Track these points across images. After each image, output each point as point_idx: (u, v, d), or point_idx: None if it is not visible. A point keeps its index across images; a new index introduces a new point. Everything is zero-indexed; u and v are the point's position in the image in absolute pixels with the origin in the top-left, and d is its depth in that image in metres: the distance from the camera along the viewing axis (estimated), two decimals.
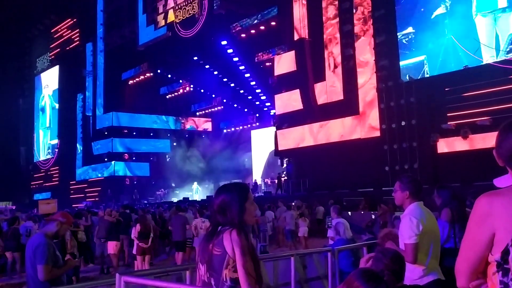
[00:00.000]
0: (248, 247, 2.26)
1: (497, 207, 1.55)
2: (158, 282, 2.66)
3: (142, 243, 9.43)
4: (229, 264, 2.26)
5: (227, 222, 2.35)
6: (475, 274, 1.62)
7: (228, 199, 2.41)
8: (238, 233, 2.28)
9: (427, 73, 17.79)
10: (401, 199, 3.60)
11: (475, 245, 1.60)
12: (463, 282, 1.65)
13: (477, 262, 1.60)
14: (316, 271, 5.35)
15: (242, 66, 28.14)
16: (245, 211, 2.40)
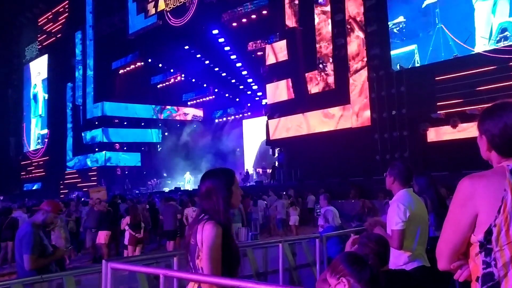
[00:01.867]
0: (216, 243, 2.25)
1: (480, 188, 1.58)
2: (145, 268, 2.67)
3: (136, 233, 9.43)
4: (199, 255, 2.29)
5: (211, 209, 2.36)
6: (456, 255, 1.65)
7: (215, 184, 2.41)
8: (212, 226, 2.27)
9: (418, 62, 17.85)
10: (389, 184, 3.63)
11: (458, 226, 1.62)
12: (445, 264, 1.67)
13: (459, 244, 1.62)
14: (305, 258, 5.38)
15: (234, 55, 28.00)
16: (232, 195, 2.41)
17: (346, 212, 11.86)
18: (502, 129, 1.62)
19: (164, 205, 12.48)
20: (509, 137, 1.61)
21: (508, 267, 1.51)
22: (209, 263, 2.24)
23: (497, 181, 1.57)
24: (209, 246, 2.25)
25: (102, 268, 2.64)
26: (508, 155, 1.63)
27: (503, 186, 1.55)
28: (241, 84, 30.90)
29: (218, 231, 2.27)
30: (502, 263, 1.52)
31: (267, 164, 27.15)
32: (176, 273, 2.57)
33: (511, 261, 1.51)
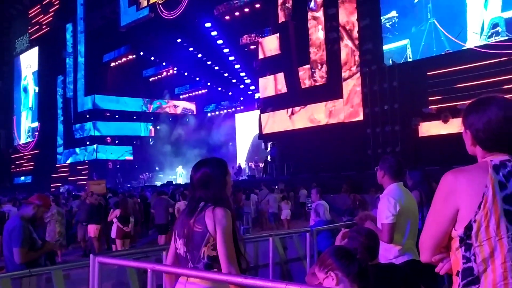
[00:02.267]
0: (230, 227, 2.25)
1: (462, 183, 1.58)
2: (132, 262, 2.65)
3: (125, 227, 9.36)
4: (208, 242, 2.25)
5: (209, 197, 2.33)
6: (438, 248, 1.66)
7: (210, 173, 2.38)
8: (223, 211, 2.26)
9: (410, 57, 17.90)
10: (379, 178, 3.64)
11: (439, 220, 1.63)
12: (427, 256, 1.68)
13: (441, 237, 1.63)
14: (296, 252, 5.39)
15: (227, 49, 27.88)
16: (226, 184, 2.40)
17: (338, 206, 11.88)
18: (485, 124, 1.61)
19: (156, 199, 12.45)
20: (492, 132, 1.61)
21: (487, 262, 1.52)
22: (226, 247, 2.21)
23: (479, 176, 1.56)
24: (223, 229, 2.22)
25: (90, 262, 2.62)
26: (492, 150, 1.62)
27: (485, 182, 1.54)
28: (233, 78, 30.82)
29: (230, 215, 2.27)
30: (482, 259, 1.52)
31: (260, 158, 27.15)
32: (164, 267, 2.55)
33: (490, 257, 1.52)
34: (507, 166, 1.57)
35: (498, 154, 1.62)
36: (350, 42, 19.69)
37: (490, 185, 1.54)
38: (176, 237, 2.39)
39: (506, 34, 15.35)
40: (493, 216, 1.52)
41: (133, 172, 33.13)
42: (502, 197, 1.53)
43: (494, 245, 1.51)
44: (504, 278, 1.49)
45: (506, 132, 1.60)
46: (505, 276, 1.49)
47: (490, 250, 1.52)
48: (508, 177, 1.55)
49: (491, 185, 1.54)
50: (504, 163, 1.58)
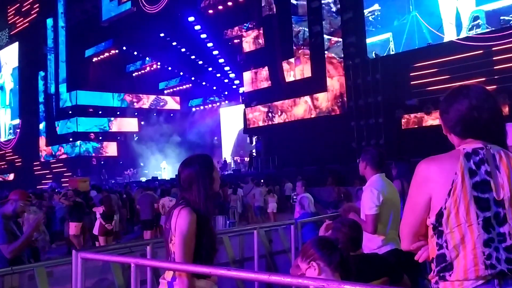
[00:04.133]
0: (189, 231, 2.24)
1: (434, 172, 1.61)
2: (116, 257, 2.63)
3: (107, 224, 9.27)
4: (172, 240, 2.29)
5: (191, 199, 2.33)
6: (416, 236, 1.69)
7: (194, 174, 2.37)
8: (187, 213, 2.27)
9: (393, 50, 18.05)
10: (361, 169, 3.67)
11: (415, 208, 1.66)
12: (406, 244, 1.72)
13: (418, 225, 1.66)
14: (281, 245, 5.42)
15: (210, 43, 27.73)
16: (213, 181, 2.40)
17: (322, 199, 11.94)
18: (454, 111, 1.66)
19: (141, 195, 12.36)
20: (460, 119, 1.65)
21: (458, 249, 1.54)
22: (180, 249, 2.24)
23: (450, 164, 1.59)
24: (181, 232, 2.24)
25: (72, 258, 2.59)
26: (465, 136, 1.66)
27: (455, 169, 1.57)
28: (218, 72, 30.69)
29: (192, 217, 2.26)
30: (453, 245, 1.55)
31: (245, 152, 27.15)
32: (148, 261, 2.54)
33: (461, 243, 1.54)
34: (479, 154, 1.60)
35: (472, 142, 1.64)
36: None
37: (459, 172, 1.56)
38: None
39: (486, 27, 15.57)
40: (462, 202, 1.54)
41: (117, 168, 32.82)
42: (472, 184, 1.55)
43: (464, 232, 1.54)
44: (474, 264, 1.52)
45: (474, 119, 1.63)
46: (475, 262, 1.52)
47: (461, 237, 1.54)
48: (479, 165, 1.58)
49: (460, 172, 1.56)
50: (477, 150, 1.61)
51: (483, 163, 1.58)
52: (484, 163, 1.58)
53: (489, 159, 1.58)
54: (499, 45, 14.70)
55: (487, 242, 1.52)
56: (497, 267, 1.51)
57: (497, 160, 1.58)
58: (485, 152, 1.60)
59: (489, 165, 1.57)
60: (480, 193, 1.55)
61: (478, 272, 1.52)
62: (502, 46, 14.66)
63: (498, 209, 1.54)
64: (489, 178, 1.56)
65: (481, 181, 1.56)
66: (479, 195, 1.55)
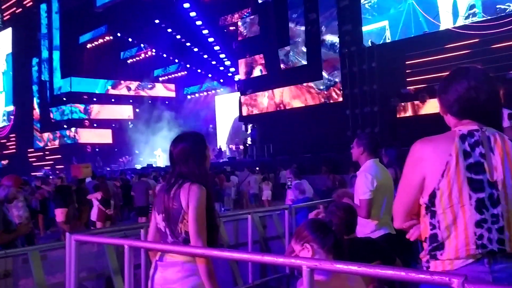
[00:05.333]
0: (203, 205, 2.25)
1: (428, 152, 1.62)
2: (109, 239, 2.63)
3: (107, 209, 9.27)
4: (184, 219, 2.26)
5: (188, 173, 2.32)
6: (409, 215, 1.70)
7: (189, 148, 2.37)
8: (197, 188, 2.26)
9: (389, 38, 17.99)
10: (357, 155, 3.68)
11: (408, 188, 1.68)
12: (399, 223, 1.74)
13: (410, 204, 1.68)
14: (275, 231, 5.44)
15: (206, 30, 27.52)
16: (206, 159, 2.40)
17: (317, 187, 12.01)
18: (453, 91, 1.67)
19: (136, 182, 12.38)
20: (458, 99, 1.66)
21: (450, 229, 1.56)
22: (196, 225, 2.21)
23: (445, 145, 1.60)
24: (195, 207, 2.22)
25: (66, 241, 2.59)
26: (462, 117, 1.66)
27: (450, 151, 1.58)
28: (213, 60, 30.50)
29: (204, 192, 2.26)
30: (445, 225, 1.57)
31: (240, 140, 27.13)
32: (142, 243, 2.55)
33: (453, 224, 1.56)
34: (474, 136, 1.61)
35: (468, 123, 1.65)
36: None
37: (454, 153, 1.57)
38: (156, 213, 2.40)
39: (482, 15, 15.53)
40: (456, 184, 1.56)
41: (112, 156, 32.75)
42: (466, 166, 1.57)
43: (457, 212, 1.55)
44: (466, 244, 1.54)
45: (471, 99, 1.64)
46: (467, 242, 1.54)
47: (453, 217, 1.56)
48: (473, 146, 1.59)
49: (455, 154, 1.57)
50: (472, 132, 1.61)
51: (478, 145, 1.59)
52: (479, 145, 1.59)
53: (484, 141, 1.59)
54: (495, 34, 14.69)
55: (479, 223, 1.54)
56: (488, 247, 1.53)
57: (492, 142, 1.59)
58: (480, 134, 1.60)
59: (483, 147, 1.58)
60: (474, 175, 1.56)
61: (468, 251, 1.54)
62: (498, 35, 14.65)
63: (492, 191, 1.55)
64: (483, 160, 1.57)
65: (475, 162, 1.57)
66: (473, 176, 1.56)
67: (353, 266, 1.47)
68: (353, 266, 1.47)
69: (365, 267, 1.43)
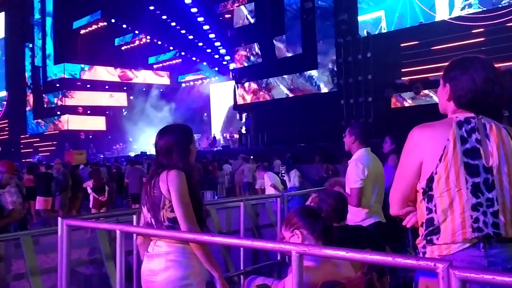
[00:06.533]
0: (184, 186, 2.25)
1: (426, 138, 1.64)
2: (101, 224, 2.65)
3: (100, 196, 9.28)
4: (165, 205, 2.26)
5: (171, 165, 2.33)
6: (405, 202, 1.72)
7: (173, 141, 2.36)
8: (176, 173, 2.26)
9: (384, 28, 17.96)
10: (349, 144, 3.69)
11: (406, 173, 1.70)
12: (395, 209, 1.75)
13: (408, 190, 1.70)
14: (268, 219, 5.47)
15: (201, 17, 27.31)
16: (190, 153, 2.39)
17: (310, 177, 12.05)
18: (469, 82, 1.66)
19: (130, 169, 12.36)
20: (474, 90, 1.65)
21: (446, 213, 1.59)
22: (182, 207, 2.21)
23: (443, 131, 1.63)
24: (177, 189, 2.23)
25: (58, 226, 2.59)
26: (466, 107, 1.67)
27: (447, 136, 1.61)
28: (208, 48, 30.32)
29: (182, 176, 2.26)
30: (442, 209, 1.60)
31: (234, 129, 27.10)
32: (133, 228, 2.56)
33: (449, 208, 1.59)
34: (471, 123, 1.63)
35: (465, 112, 1.67)
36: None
37: (451, 138, 1.60)
38: (142, 206, 2.41)
39: (478, 6, 15.53)
40: (453, 168, 1.58)
41: (106, 143, 32.66)
42: (463, 151, 1.60)
43: (454, 196, 1.58)
44: (462, 227, 1.57)
45: (486, 92, 1.65)
46: (463, 226, 1.57)
47: (450, 201, 1.59)
48: (470, 133, 1.62)
49: (452, 139, 1.60)
50: (469, 119, 1.64)
51: (474, 132, 1.62)
52: (475, 131, 1.62)
53: (480, 128, 1.63)
54: (491, 25, 14.70)
55: (475, 206, 1.57)
56: (484, 230, 1.55)
57: (487, 129, 1.63)
58: (477, 122, 1.64)
59: (479, 134, 1.61)
60: (470, 160, 1.59)
61: (465, 235, 1.56)
62: (493, 27, 14.66)
63: (487, 176, 1.58)
64: (479, 146, 1.60)
65: (471, 148, 1.60)
66: (469, 161, 1.59)
67: (341, 251, 1.49)
68: (341, 251, 1.49)
69: (353, 252, 1.45)
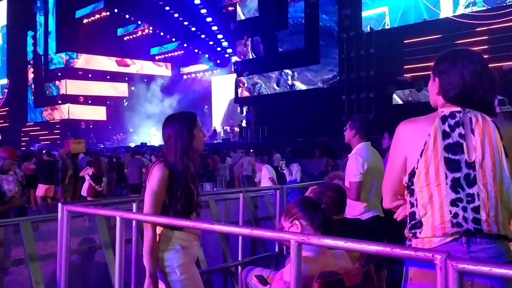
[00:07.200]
0: (159, 183, 2.28)
1: (410, 133, 1.66)
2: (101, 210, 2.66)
3: (97, 185, 9.29)
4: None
5: (168, 152, 2.37)
6: (395, 195, 1.75)
7: (174, 128, 2.40)
8: (159, 168, 2.31)
9: (388, 24, 17.90)
10: (349, 137, 3.70)
11: (393, 168, 1.72)
12: (387, 202, 1.79)
13: (396, 185, 1.72)
14: (267, 212, 5.48)
15: (204, 9, 27.22)
16: (194, 138, 2.40)
17: (310, 171, 12.07)
18: (458, 76, 1.65)
19: (130, 159, 12.40)
20: (458, 83, 1.65)
21: (426, 207, 1.60)
22: (147, 202, 2.30)
23: (425, 126, 1.63)
24: (151, 187, 2.30)
25: (58, 212, 2.61)
26: (454, 101, 1.66)
27: (429, 131, 1.61)
28: (210, 40, 30.24)
29: (163, 172, 2.30)
30: (422, 204, 1.61)
31: (235, 122, 27.10)
32: (133, 215, 2.57)
33: (429, 202, 1.59)
34: (456, 117, 1.62)
35: (453, 106, 1.66)
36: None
37: (432, 134, 1.60)
38: None
39: (482, 5, 15.47)
40: (433, 163, 1.59)
41: (106, 133, 32.66)
42: (444, 146, 1.59)
43: (433, 191, 1.59)
44: (441, 222, 1.57)
45: (474, 85, 1.64)
46: (442, 220, 1.57)
47: (429, 196, 1.59)
48: (454, 127, 1.61)
49: (433, 134, 1.60)
50: (454, 114, 1.63)
51: (458, 126, 1.61)
52: (460, 126, 1.61)
53: (465, 122, 1.61)
54: (495, 24, 14.66)
55: (454, 202, 1.57)
56: (464, 226, 1.56)
57: (473, 123, 1.61)
58: (462, 116, 1.62)
59: (464, 128, 1.60)
60: (451, 155, 1.59)
61: (444, 229, 1.57)
62: (497, 25, 14.61)
63: (468, 171, 1.57)
64: (463, 140, 1.59)
65: (453, 143, 1.59)
66: (450, 156, 1.59)
67: (340, 241, 1.50)
68: (340, 241, 1.50)
69: (352, 242, 1.46)
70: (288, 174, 6.16)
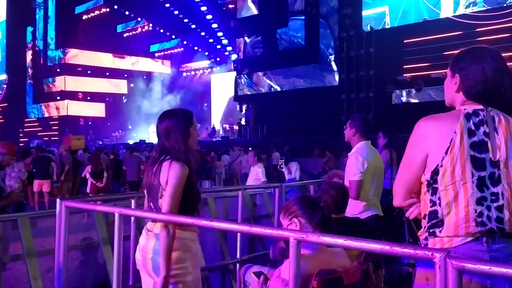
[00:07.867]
0: (182, 183, 2.26)
1: (432, 130, 1.62)
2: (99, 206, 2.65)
3: (98, 182, 9.28)
4: (163, 195, 2.29)
5: (171, 148, 2.34)
6: (409, 193, 1.71)
7: (173, 123, 2.38)
8: (180, 166, 2.27)
9: (388, 24, 17.90)
10: (349, 136, 3.69)
11: (411, 165, 1.68)
12: (399, 201, 1.74)
13: (412, 182, 1.68)
14: (265, 210, 5.47)
15: (204, 7, 27.18)
16: (189, 136, 2.39)
17: (309, 170, 12.07)
18: (480, 73, 1.63)
19: (128, 156, 12.36)
20: (485, 81, 1.63)
21: (451, 206, 1.58)
22: (170, 200, 2.23)
23: (450, 123, 1.60)
24: (173, 184, 2.24)
25: (57, 207, 2.60)
26: (475, 98, 1.65)
27: (454, 128, 1.58)
28: (210, 38, 30.23)
29: (185, 171, 2.27)
30: (446, 202, 1.58)
31: (234, 120, 27.09)
32: (132, 211, 2.57)
33: (454, 201, 1.57)
34: (479, 115, 1.61)
35: (474, 104, 1.65)
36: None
37: (458, 131, 1.58)
38: (144, 190, 2.45)
39: (483, 5, 15.47)
40: (459, 161, 1.57)
41: (105, 130, 32.62)
42: (470, 144, 1.57)
43: (458, 189, 1.57)
44: (466, 221, 1.56)
45: (497, 82, 1.62)
46: (467, 219, 1.55)
47: (454, 194, 1.57)
48: (478, 125, 1.59)
49: (459, 131, 1.58)
50: (477, 112, 1.62)
51: (482, 124, 1.59)
52: (484, 124, 1.59)
53: (488, 120, 1.60)
54: (494, 24, 14.65)
55: (480, 201, 1.55)
56: (487, 225, 1.54)
57: (496, 122, 1.60)
58: (485, 114, 1.61)
59: (488, 127, 1.59)
60: (477, 153, 1.57)
61: (468, 228, 1.55)
62: (497, 26, 14.61)
63: (493, 170, 1.56)
64: (487, 139, 1.58)
65: (479, 141, 1.58)
66: (476, 154, 1.57)
67: (339, 239, 1.50)
68: (339, 239, 1.50)
69: (351, 240, 1.45)
70: (287, 173, 6.16)
